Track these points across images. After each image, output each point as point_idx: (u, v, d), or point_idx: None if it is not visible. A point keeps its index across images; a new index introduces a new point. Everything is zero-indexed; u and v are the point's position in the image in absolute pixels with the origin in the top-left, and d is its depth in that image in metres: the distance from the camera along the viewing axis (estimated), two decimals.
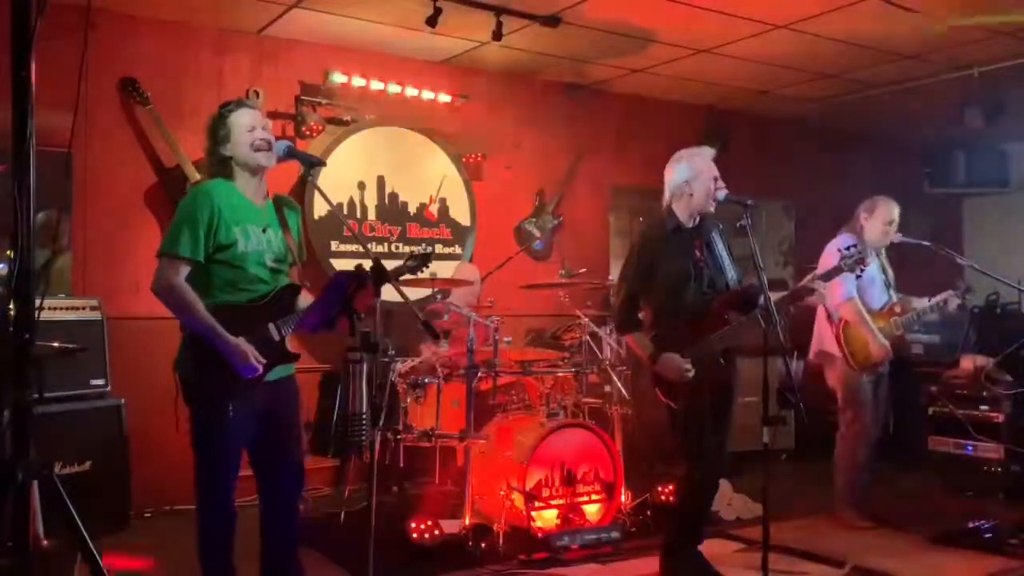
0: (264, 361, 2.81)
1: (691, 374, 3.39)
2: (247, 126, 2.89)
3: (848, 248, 3.74)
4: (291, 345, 2.98)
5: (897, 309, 4.59)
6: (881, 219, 4.53)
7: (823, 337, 4.64)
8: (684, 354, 3.41)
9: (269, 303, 2.89)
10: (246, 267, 2.85)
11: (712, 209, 3.55)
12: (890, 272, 4.71)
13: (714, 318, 3.47)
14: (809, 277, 3.68)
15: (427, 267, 3.20)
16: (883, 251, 4.67)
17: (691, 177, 3.52)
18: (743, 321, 3.41)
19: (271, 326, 2.88)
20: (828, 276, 3.73)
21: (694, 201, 3.54)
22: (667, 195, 3.62)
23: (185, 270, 2.78)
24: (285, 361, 2.95)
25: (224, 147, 2.89)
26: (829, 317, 4.58)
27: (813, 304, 4.06)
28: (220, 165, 2.92)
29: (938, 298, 4.59)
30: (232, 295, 2.84)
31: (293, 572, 3.06)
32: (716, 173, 3.53)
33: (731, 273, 3.60)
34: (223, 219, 2.80)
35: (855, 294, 4.43)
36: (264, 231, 2.92)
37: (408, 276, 3.21)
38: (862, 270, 3.72)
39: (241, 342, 2.77)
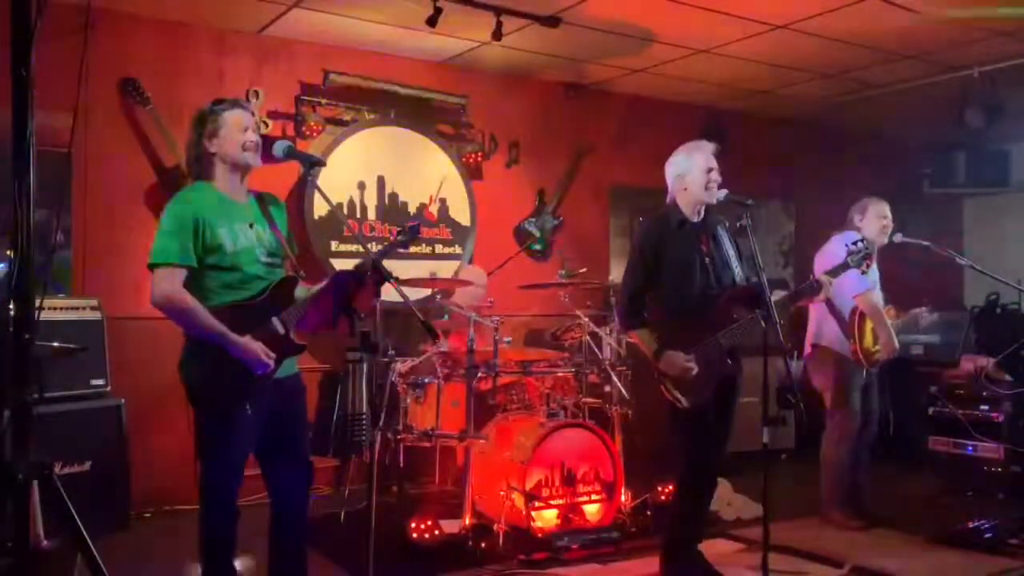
0: (274, 356, 2.81)
1: (695, 371, 3.39)
2: (241, 126, 2.88)
3: (855, 243, 3.72)
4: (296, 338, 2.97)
5: (892, 312, 4.58)
6: (875, 215, 4.53)
7: (823, 332, 4.60)
8: (690, 352, 3.40)
9: (269, 297, 2.88)
10: (240, 266, 2.84)
11: (714, 201, 3.53)
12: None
13: (721, 314, 3.45)
14: (812, 279, 3.67)
15: (415, 239, 3.15)
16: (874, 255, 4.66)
17: (684, 171, 3.53)
18: (750, 319, 3.40)
19: (275, 320, 2.87)
20: (835, 272, 3.72)
21: (690, 194, 3.53)
22: (669, 190, 3.63)
23: (181, 276, 2.76)
24: (293, 353, 2.95)
25: (211, 142, 2.87)
26: (832, 311, 4.55)
27: (817, 300, 4.05)
28: (202, 161, 2.90)
29: (907, 316, 4.60)
30: (231, 295, 2.83)
31: (300, 570, 3.06)
32: (712, 165, 3.52)
33: (737, 269, 3.60)
34: (207, 222, 2.79)
35: (869, 285, 4.40)
36: (251, 227, 2.91)
37: (408, 264, 3.18)
38: (868, 266, 3.72)
39: (249, 340, 2.77)
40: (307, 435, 3.19)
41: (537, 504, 4.13)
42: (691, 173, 3.51)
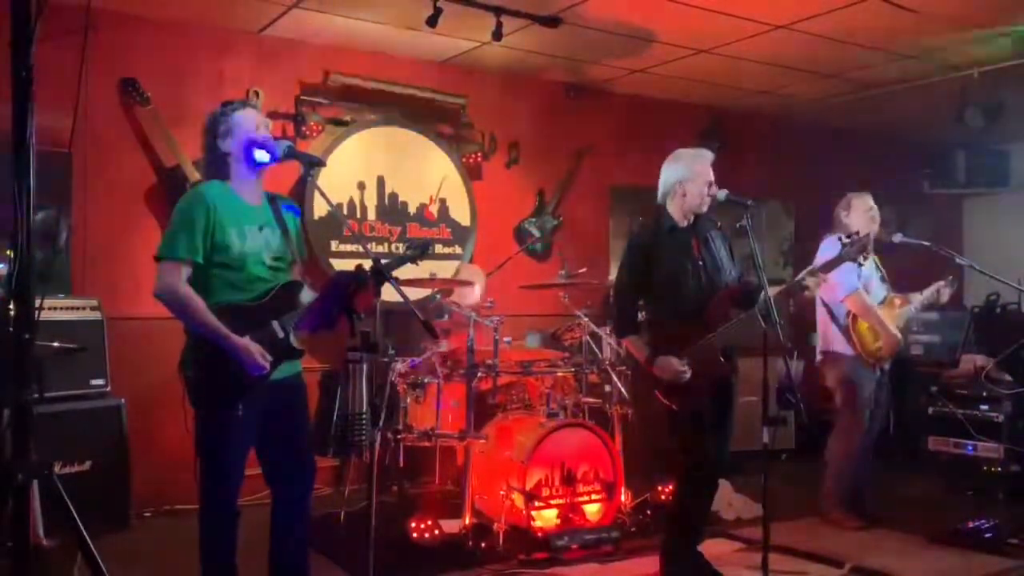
0: (271, 359, 2.82)
1: (688, 375, 3.38)
2: (251, 125, 2.91)
3: (849, 236, 3.71)
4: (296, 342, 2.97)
5: (897, 302, 4.58)
6: (861, 209, 4.52)
7: (828, 337, 4.60)
8: (683, 354, 3.40)
9: (271, 300, 2.89)
10: (245, 267, 2.86)
11: (704, 210, 3.55)
12: (882, 268, 4.70)
13: (714, 315, 3.45)
14: (807, 270, 3.66)
15: (426, 255, 3.19)
16: (871, 249, 4.64)
17: (686, 178, 3.51)
18: (743, 318, 3.39)
19: (275, 323, 2.88)
20: (830, 266, 3.69)
21: (687, 202, 3.53)
22: (660, 193, 3.61)
23: (186, 272, 2.78)
24: (291, 357, 2.95)
25: (224, 142, 2.90)
26: (831, 316, 4.55)
27: (809, 297, 4.03)
28: (218, 163, 2.93)
29: (929, 290, 4.59)
30: (233, 295, 2.85)
31: (302, 572, 3.06)
32: (711, 178, 3.53)
33: (731, 271, 3.59)
34: (218, 220, 2.81)
35: (859, 285, 4.40)
36: (261, 230, 2.93)
37: (409, 266, 3.20)
38: (864, 258, 3.70)
39: (247, 341, 2.77)
40: (308, 434, 3.20)
41: (537, 504, 4.13)
42: (693, 183, 3.50)
